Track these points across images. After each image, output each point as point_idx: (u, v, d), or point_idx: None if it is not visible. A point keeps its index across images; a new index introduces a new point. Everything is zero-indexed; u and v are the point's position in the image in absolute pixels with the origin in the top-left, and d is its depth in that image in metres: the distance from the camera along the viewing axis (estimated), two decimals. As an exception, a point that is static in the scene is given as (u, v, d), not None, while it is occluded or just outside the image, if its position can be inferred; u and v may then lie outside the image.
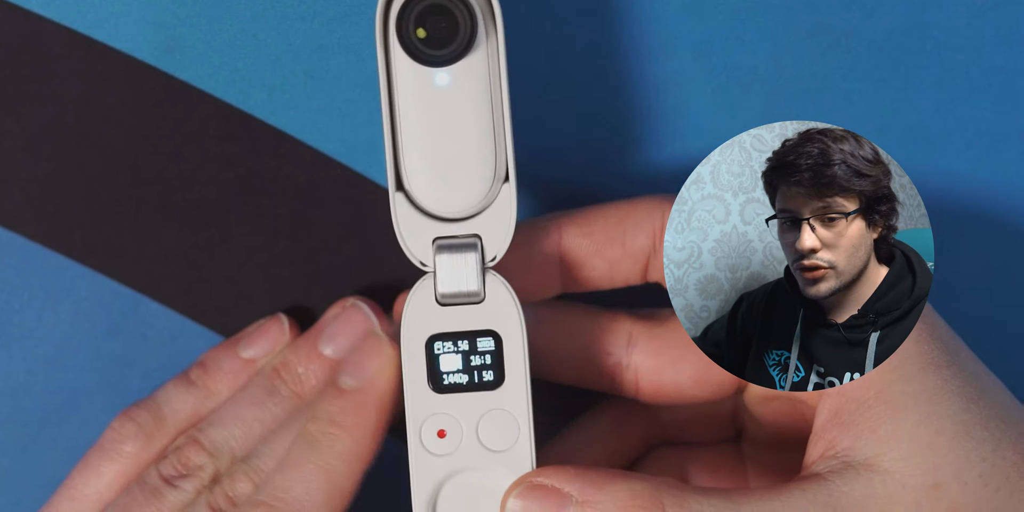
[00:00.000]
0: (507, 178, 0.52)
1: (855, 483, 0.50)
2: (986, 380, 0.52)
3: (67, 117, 0.59)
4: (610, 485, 0.50)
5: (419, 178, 0.51)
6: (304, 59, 0.59)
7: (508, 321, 0.52)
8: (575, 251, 0.54)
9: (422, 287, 0.52)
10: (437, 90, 0.51)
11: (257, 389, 0.58)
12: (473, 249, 0.52)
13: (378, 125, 0.58)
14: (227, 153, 0.59)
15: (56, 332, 0.61)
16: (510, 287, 0.52)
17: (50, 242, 0.60)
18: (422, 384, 0.52)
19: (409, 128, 0.51)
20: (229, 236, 0.60)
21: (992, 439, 0.50)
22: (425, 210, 0.52)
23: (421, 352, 0.52)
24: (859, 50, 0.59)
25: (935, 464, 0.49)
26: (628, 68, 0.59)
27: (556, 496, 0.50)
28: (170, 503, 0.57)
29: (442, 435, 0.52)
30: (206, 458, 0.57)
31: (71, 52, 0.58)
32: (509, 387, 0.52)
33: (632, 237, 0.54)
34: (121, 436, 0.58)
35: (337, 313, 0.59)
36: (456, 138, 0.51)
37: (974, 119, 0.60)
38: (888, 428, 0.50)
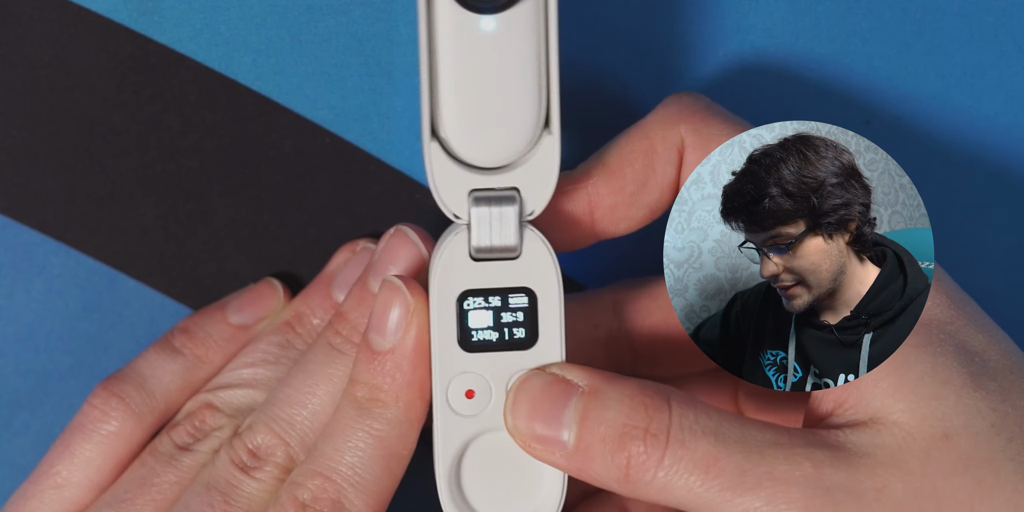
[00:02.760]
0: (549, 128, 0.51)
1: (863, 433, 0.50)
2: (994, 332, 0.52)
3: (39, 82, 0.58)
4: (621, 380, 0.51)
5: (456, 125, 0.51)
6: (291, 21, 0.58)
7: (545, 278, 0.52)
8: (611, 210, 0.54)
9: (455, 241, 0.52)
10: (482, 36, 0.50)
11: (269, 346, 0.58)
12: (511, 202, 0.51)
13: (370, 92, 0.58)
14: (209, 121, 0.59)
15: (27, 311, 0.60)
16: (548, 243, 0.52)
17: (21, 216, 0.60)
18: (451, 341, 0.52)
19: (447, 74, 0.50)
20: (211, 209, 0.60)
21: (1001, 389, 0.50)
22: (461, 159, 0.52)
23: (452, 308, 0.51)
24: (881, 11, 0.59)
25: (943, 414, 0.50)
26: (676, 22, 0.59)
27: (563, 384, 0.51)
28: (188, 466, 0.56)
29: (470, 395, 0.52)
30: (224, 419, 0.57)
31: (43, 14, 0.58)
32: (542, 347, 0.52)
33: (662, 173, 0.54)
34: (105, 414, 0.57)
35: (347, 258, 0.59)
36: (498, 86, 0.50)
37: (1003, 85, 0.60)
38: (892, 381, 0.50)
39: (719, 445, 0.49)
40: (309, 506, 0.52)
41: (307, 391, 0.55)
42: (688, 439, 0.49)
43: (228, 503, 0.54)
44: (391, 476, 0.53)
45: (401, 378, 0.52)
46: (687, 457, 0.49)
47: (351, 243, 0.59)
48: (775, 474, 0.49)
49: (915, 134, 0.60)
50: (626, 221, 0.54)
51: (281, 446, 0.54)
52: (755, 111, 0.59)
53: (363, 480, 0.52)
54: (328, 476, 0.52)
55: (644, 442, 0.49)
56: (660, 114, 0.55)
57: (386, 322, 0.52)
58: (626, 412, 0.50)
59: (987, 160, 0.61)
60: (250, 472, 0.54)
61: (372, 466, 0.52)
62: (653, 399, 0.50)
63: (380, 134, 0.59)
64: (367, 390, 0.52)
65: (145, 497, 0.56)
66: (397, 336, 0.52)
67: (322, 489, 0.52)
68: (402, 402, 0.52)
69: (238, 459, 0.54)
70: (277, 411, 0.55)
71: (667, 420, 0.49)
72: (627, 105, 0.59)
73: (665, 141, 0.54)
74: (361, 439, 0.52)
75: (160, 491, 0.56)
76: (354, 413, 0.53)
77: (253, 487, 0.54)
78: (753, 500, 0.49)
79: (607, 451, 0.50)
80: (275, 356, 0.58)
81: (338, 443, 0.53)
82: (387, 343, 0.52)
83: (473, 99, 0.50)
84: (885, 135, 0.60)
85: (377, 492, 0.52)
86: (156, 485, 0.56)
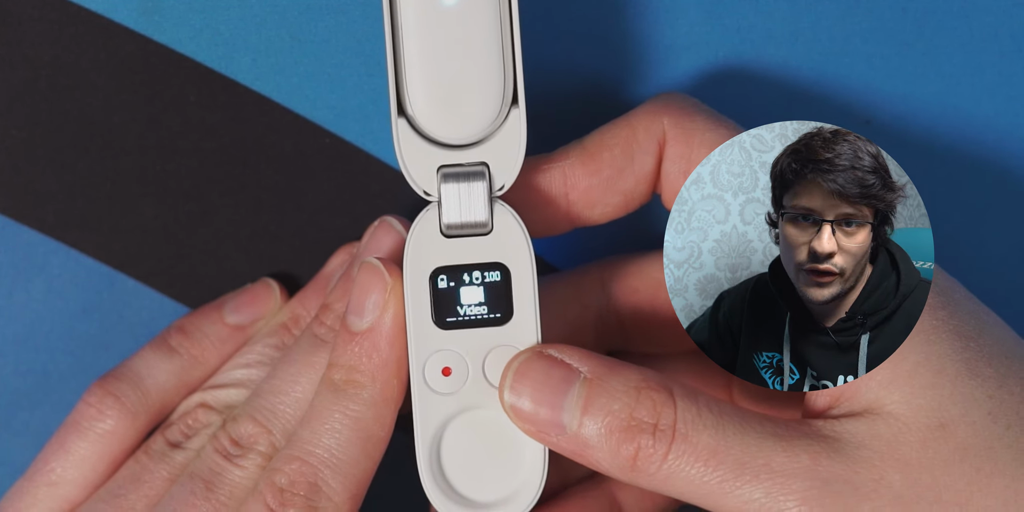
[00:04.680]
0: (516, 102, 0.52)
1: (858, 424, 0.50)
2: (985, 318, 0.52)
3: (39, 82, 0.58)
4: (623, 368, 0.51)
5: (423, 102, 0.51)
6: (291, 21, 0.58)
7: (517, 253, 0.52)
8: (586, 193, 0.54)
9: (426, 217, 0.52)
10: (444, 10, 0.50)
11: (265, 348, 0.58)
12: (480, 177, 0.52)
13: (369, 92, 0.58)
14: (209, 121, 0.59)
15: (27, 311, 0.60)
16: (519, 218, 0.52)
17: (21, 216, 0.59)
18: (426, 319, 0.52)
19: (412, 50, 0.51)
20: (211, 209, 0.60)
21: (997, 376, 0.50)
22: (429, 136, 0.52)
23: (425, 286, 0.52)
24: (881, 11, 0.59)
25: (939, 404, 0.50)
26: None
27: (564, 368, 0.51)
28: (179, 462, 0.56)
29: (447, 373, 0.52)
30: (216, 417, 0.57)
31: (43, 13, 0.58)
32: (518, 322, 0.52)
33: (640, 162, 0.54)
34: (100, 412, 0.57)
35: (345, 259, 0.58)
36: (462, 60, 0.51)
37: (1003, 85, 0.60)
38: (886, 372, 0.50)
39: (719, 437, 0.49)
40: (286, 490, 0.52)
41: (290, 380, 0.55)
42: (691, 433, 0.49)
43: (210, 490, 0.54)
44: (369, 458, 0.53)
45: (378, 358, 0.52)
46: (689, 450, 0.49)
47: (349, 245, 0.59)
48: (773, 466, 0.49)
49: (915, 134, 0.60)
50: (600, 206, 0.54)
51: (264, 434, 0.54)
52: (755, 111, 0.59)
53: (340, 462, 0.52)
54: (305, 459, 0.52)
55: (653, 436, 0.49)
56: (645, 108, 0.55)
57: (364, 303, 0.52)
58: (632, 405, 0.50)
59: (987, 160, 0.60)
60: (233, 460, 0.54)
61: (349, 448, 0.52)
62: (659, 393, 0.50)
63: (380, 134, 0.59)
64: (344, 372, 0.52)
65: (137, 493, 0.56)
66: (374, 316, 0.52)
67: (299, 472, 0.52)
68: (379, 382, 0.52)
69: (221, 448, 0.55)
70: (261, 401, 0.55)
71: (672, 415, 0.50)
72: (627, 105, 0.59)
73: (647, 131, 0.54)
74: (338, 420, 0.52)
75: (152, 487, 0.56)
76: (331, 396, 0.53)
77: (236, 475, 0.54)
78: (752, 491, 0.49)
79: (613, 441, 0.50)
80: (270, 358, 0.58)
81: (315, 426, 0.53)
82: (364, 323, 0.52)
83: (438, 75, 0.50)
84: (885, 135, 0.60)
85: (355, 474, 0.52)
86: (148, 481, 0.56)
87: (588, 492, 0.59)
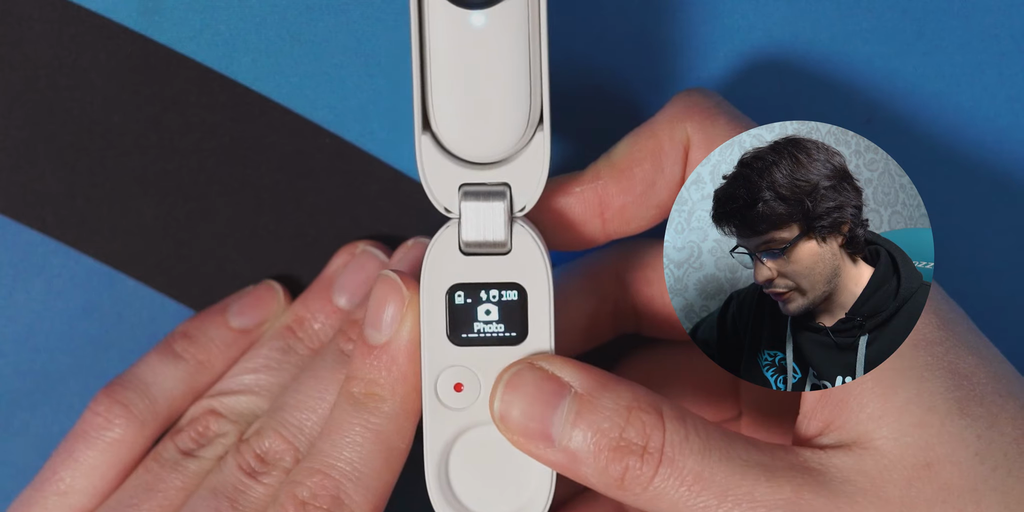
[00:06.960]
0: (541, 124, 0.52)
1: (845, 458, 0.50)
2: (984, 353, 0.51)
3: (39, 82, 0.58)
4: (614, 385, 0.50)
5: (448, 119, 0.51)
6: (291, 21, 0.58)
7: (534, 274, 0.52)
8: (621, 212, 0.54)
9: (445, 234, 0.52)
10: (472, 31, 0.50)
11: (271, 351, 0.58)
12: (501, 198, 0.51)
13: (369, 92, 0.58)
14: (209, 121, 0.59)
15: (27, 311, 0.60)
16: (538, 239, 0.52)
17: (21, 216, 0.59)
18: (440, 335, 0.52)
19: (439, 68, 0.51)
20: (211, 209, 0.60)
21: (988, 415, 0.50)
22: (452, 153, 0.52)
23: (441, 302, 0.52)
24: (881, 11, 0.59)
25: (927, 443, 0.49)
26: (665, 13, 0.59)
27: (555, 382, 0.51)
28: (193, 472, 0.56)
29: (459, 389, 0.52)
30: (228, 425, 0.57)
31: (43, 13, 0.58)
32: (532, 342, 0.52)
33: (671, 171, 0.54)
34: (108, 421, 0.57)
35: (346, 261, 0.58)
36: (489, 82, 0.50)
37: (1003, 85, 0.60)
38: (877, 406, 0.50)
39: (704, 463, 0.49)
40: (308, 503, 0.52)
41: (316, 396, 0.55)
42: (678, 457, 0.49)
43: (235, 508, 0.54)
44: (390, 470, 0.53)
45: (396, 371, 0.52)
46: (675, 474, 0.49)
47: (350, 245, 0.59)
48: (756, 496, 0.49)
49: (915, 134, 0.60)
50: (636, 221, 0.54)
51: (290, 451, 0.54)
52: (756, 111, 0.59)
53: (362, 475, 0.52)
54: (326, 472, 0.52)
55: (641, 459, 0.49)
56: (667, 112, 0.54)
57: (381, 316, 0.52)
58: (622, 425, 0.50)
59: (987, 160, 0.60)
60: (258, 477, 0.54)
61: (370, 460, 0.52)
62: (649, 414, 0.50)
63: (380, 134, 0.59)
64: (363, 385, 0.52)
65: (151, 503, 0.55)
66: (392, 329, 0.52)
67: (321, 486, 0.52)
68: (398, 395, 0.52)
69: (246, 464, 0.54)
70: (286, 416, 0.55)
71: (661, 437, 0.50)
72: (628, 105, 0.59)
73: (672, 140, 0.54)
74: (359, 433, 0.52)
75: (166, 497, 0.55)
76: (350, 409, 0.52)
77: (260, 492, 0.54)
78: None
79: (601, 459, 0.50)
80: (277, 362, 0.57)
81: (336, 439, 0.52)
82: (382, 337, 0.52)
83: (464, 94, 0.50)
84: (885, 135, 0.60)
85: (376, 487, 0.52)
86: (161, 491, 0.56)
87: (596, 500, 0.59)
